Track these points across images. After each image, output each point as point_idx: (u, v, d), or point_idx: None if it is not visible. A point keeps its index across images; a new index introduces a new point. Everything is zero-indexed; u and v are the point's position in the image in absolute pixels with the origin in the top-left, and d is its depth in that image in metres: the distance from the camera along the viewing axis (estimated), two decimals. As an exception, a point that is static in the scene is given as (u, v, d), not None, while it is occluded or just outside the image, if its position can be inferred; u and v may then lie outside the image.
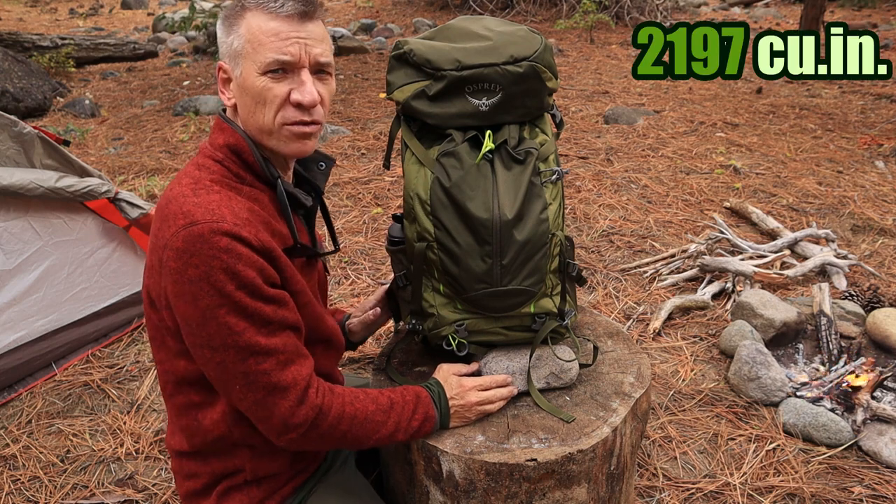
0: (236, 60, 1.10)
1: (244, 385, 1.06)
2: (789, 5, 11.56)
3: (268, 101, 1.08)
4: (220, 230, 1.00)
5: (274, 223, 1.13)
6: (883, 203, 3.85)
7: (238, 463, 1.20)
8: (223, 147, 1.13)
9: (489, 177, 1.23)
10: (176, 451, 1.25)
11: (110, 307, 2.68)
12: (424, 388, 1.26)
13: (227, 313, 1.01)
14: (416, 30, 9.84)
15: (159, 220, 1.07)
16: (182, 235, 1.00)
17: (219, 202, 1.05)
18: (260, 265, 1.04)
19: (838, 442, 2.06)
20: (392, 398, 1.20)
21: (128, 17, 13.86)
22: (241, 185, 1.13)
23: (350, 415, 1.13)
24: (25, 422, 2.29)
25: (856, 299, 2.76)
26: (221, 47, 1.12)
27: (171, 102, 6.47)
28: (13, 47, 7.71)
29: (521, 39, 1.28)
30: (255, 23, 1.06)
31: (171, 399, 1.20)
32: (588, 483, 1.27)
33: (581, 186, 4.08)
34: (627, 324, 2.73)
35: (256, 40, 1.06)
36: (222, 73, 1.13)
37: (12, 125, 2.32)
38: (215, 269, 0.99)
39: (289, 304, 1.10)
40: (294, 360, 1.09)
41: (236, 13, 1.09)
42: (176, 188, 1.09)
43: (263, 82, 1.07)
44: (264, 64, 1.06)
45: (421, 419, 1.21)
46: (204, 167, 1.12)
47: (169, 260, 1.02)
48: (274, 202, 1.16)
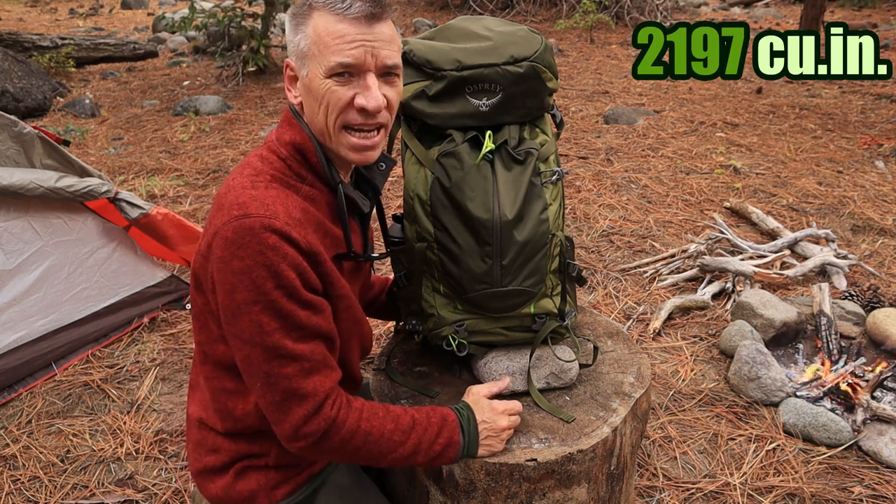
0: (303, 60, 1.09)
1: (265, 384, 1.06)
2: (789, 5, 11.56)
3: (331, 104, 1.08)
4: (271, 227, 1.01)
5: (328, 225, 1.14)
6: (883, 203, 3.85)
7: (265, 448, 1.21)
8: (289, 144, 1.13)
9: (489, 177, 1.23)
10: (204, 423, 1.25)
11: (110, 307, 2.68)
12: (453, 412, 1.21)
13: (262, 311, 1.02)
14: (416, 30, 9.84)
15: (216, 208, 1.08)
16: (233, 226, 1.01)
17: (275, 198, 1.05)
18: (302, 268, 1.04)
19: (838, 442, 2.06)
20: (415, 418, 1.16)
21: (128, 17, 13.85)
22: (301, 184, 1.13)
23: (365, 431, 1.11)
24: (25, 422, 2.29)
25: (856, 299, 2.76)
26: (289, 45, 1.11)
27: (171, 102, 6.47)
28: (13, 47, 7.71)
29: (521, 39, 1.28)
30: (322, 24, 1.05)
31: (208, 381, 1.21)
32: (588, 483, 1.27)
33: (581, 186, 4.08)
34: (627, 324, 2.73)
35: (322, 42, 1.05)
36: (289, 71, 1.13)
37: (12, 125, 2.32)
38: (258, 265, 1.01)
39: (325, 313, 1.10)
40: (319, 369, 1.08)
41: (304, 12, 1.08)
42: (237, 178, 1.09)
43: (328, 85, 1.06)
44: (329, 67, 1.05)
45: (444, 444, 1.17)
46: (267, 161, 1.12)
47: (217, 248, 1.03)
48: (331, 204, 1.16)
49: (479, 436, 1.20)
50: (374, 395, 1.38)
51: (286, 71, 1.14)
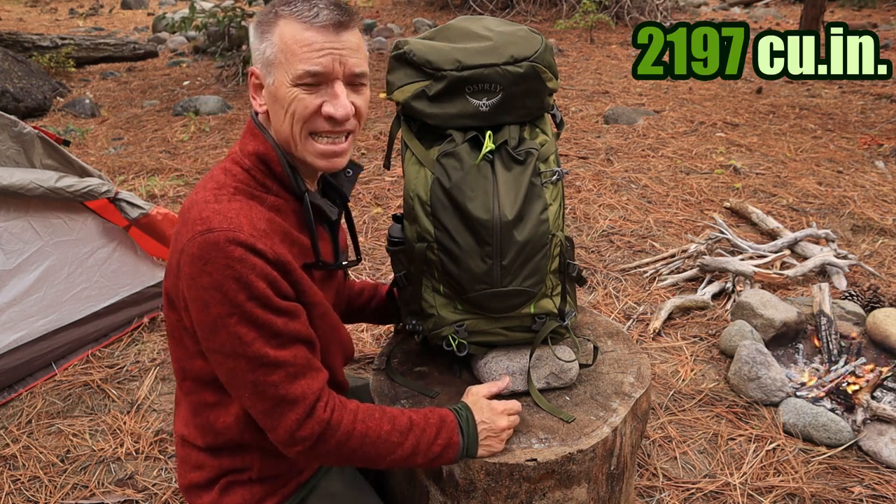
0: (268, 69, 1.08)
1: (252, 394, 1.06)
2: (789, 5, 11.56)
3: (298, 112, 1.07)
4: (236, 240, 1.00)
5: (295, 234, 1.13)
6: (883, 203, 3.85)
7: (248, 462, 1.21)
8: (252, 155, 1.12)
9: (489, 177, 1.23)
10: (186, 440, 1.25)
11: (110, 307, 2.68)
12: (452, 412, 1.21)
13: (238, 323, 1.02)
14: (416, 30, 9.84)
15: (181, 223, 1.07)
16: (198, 242, 1.01)
17: (238, 211, 1.04)
18: (272, 278, 1.03)
19: (838, 442, 2.06)
20: (413, 420, 1.16)
21: (128, 17, 13.85)
22: (266, 194, 1.12)
23: (361, 433, 1.11)
24: (25, 422, 2.29)
25: (856, 299, 2.76)
26: (254, 53, 1.10)
27: (171, 102, 6.47)
28: (13, 47, 7.71)
29: (521, 39, 1.28)
30: (289, 32, 1.04)
31: (187, 396, 1.21)
32: (588, 483, 1.27)
33: (581, 186, 4.08)
34: (627, 324, 2.73)
35: (289, 50, 1.04)
36: (254, 79, 1.12)
37: (12, 125, 2.32)
38: (228, 279, 1.00)
39: (301, 318, 1.09)
40: (304, 373, 1.08)
41: (269, 20, 1.07)
42: (200, 192, 1.08)
43: (294, 93, 1.06)
44: (296, 75, 1.05)
45: (443, 444, 1.16)
46: (230, 173, 1.11)
47: (185, 265, 1.02)
48: (298, 213, 1.15)
49: (478, 436, 1.20)
50: (374, 395, 1.38)
51: (251, 79, 1.12)
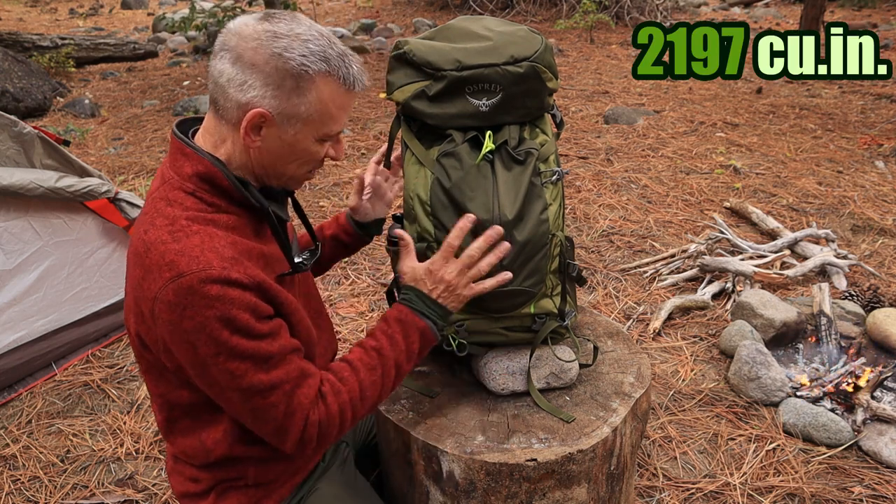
0: (293, 120, 1.05)
1: (254, 420, 1.07)
2: (789, 5, 11.56)
3: (310, 161, 1.11)
4: (209, 278, 0.98)
5: (257, 248, 1.10)
6: (883, 203, 3.85)
7: (242, 471, 1.21)
8: (192, 177, 1.06)
9: (489, 177, 1.23)
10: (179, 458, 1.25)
11: (110, 307, 2.68)
12: (404, 304, 1.20)
13: (227, 360, 1.01)
14: (416, 30, 9.84)
15: (141, 270, 1.02)
16: (171, 289, 0.98)
17: (201, 245, 1.01)
18: (253, 305, 1.01)
19: (838, 442, 2.06)
20: (377, 347, 1.17)
21: (128, 17, 13.85)
22: (219, 214, 1.07)
23: (346, 402, 1.12)
24: (25, 422, 2.29)
25: (856, 299, 2.76)
26: (273, 100, 1.03)
27: (171, 102, 6.47)
28: (13, 47, 7.71)
29: (521, 39, 1.27)
30: (330, 94, 1.05)
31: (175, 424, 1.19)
32: (588, 483, 1.27)
33: (581, 186, 4.08)
34: (627, 324, 2.73)
35: (328, 113, 1.06)
36: (259, 120, 1.04)
37: (12, 125, 2.32)
38: (210, 319, 0.98)
39: (284, 331, 1.08)
40: (300, 384, 1.07)
41: (306, 76, 1.03)
42: (152, 232, 1.03)
43: (317, 147, 1.10)
44: (328, 134, 1.09)
45: (418, 339, 1.18)
46: (176, 202, 1.05)
47: (162, 312, 0.99)
48: (253, 224, 1.13)
49: (438, 303, 1.20)
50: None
51: (253, 119, 1.03)
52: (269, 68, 1.01)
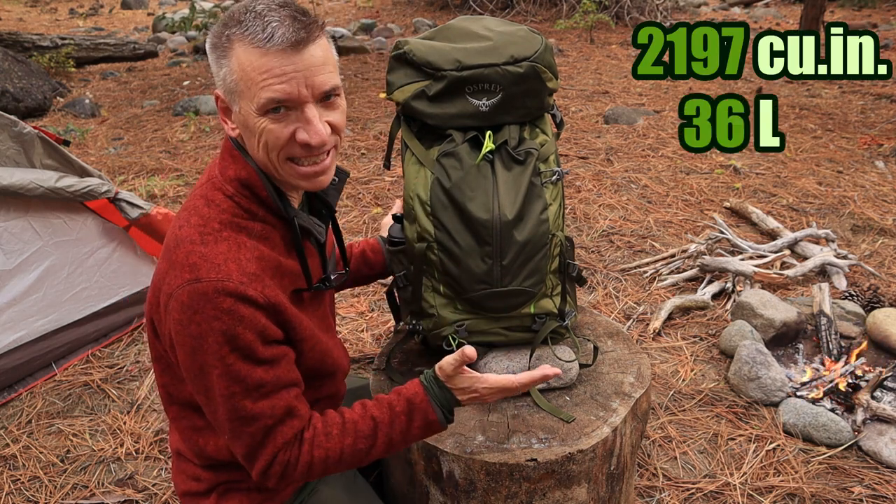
0: (232, 96, 1.01)
1: (231, 437, 1.07)
2: (789, 5, 11.56)
3: (270, 143, 1.00)
4: (225, 290, 0.97)
5: (284, 263, 1.09)
6: (883, 203, 3.85)
7: (244, 475, 1.21)
8: (234, 180, 1.06)
9: (489, 177, 1.23)
10: (182, 455, 1.26)
11: (110, 307, 2.68)
12: (420, 386, 1.14)
13: (220, 376, 1.01)
14: (416, 30, 9.84)
15: (167, 263, 1.03)
16: (187, 290, 0.98)
17: (226, 255, 1.00)
18: (261, 326, 1.01)
19: (838, 442, 2.06)
20: (377, 419, 1.11)
21: (128, 17, 13.85)
22: (253, 222, 1.06)
23: (320, 458, 1.08)
24: (25, 422, 2.29)
25: (856, 299, 2.76)
26: (216, 78, 1.02)
27: (171, 102, 6.47)
28: (13, 47, 7.71)
29: (521, 40, 1.28)
30: (245, 58, 0.96)
31: (175, 421, 1.21)
32: (588, 483, 1.27)
33: (581, 186, 4.08)
34: (627, 324, 2.73)
35: (248, 78, 0.96)
36: (221, 103, 1.04)
37: (12, 125, 2.32)
38: (214, 331, 0.98)
39: (285, 362, 1.07)
40: (283, 422, 1.06)
41: (223, 44, 0.98)
42: (185, 229, 1.03)
43: (263, 124, 0.99)
44: (261, 105, 0.97)
45: (421, 426, 1.12)
46: (213, 203, 1.05)
47: (174, 310, 1.00)
48: (286, 238, 1.11)
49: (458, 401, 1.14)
50: (373, 395, 1.38)
51: (218, 103, 1.05)
52: (209, 45, 1.02)
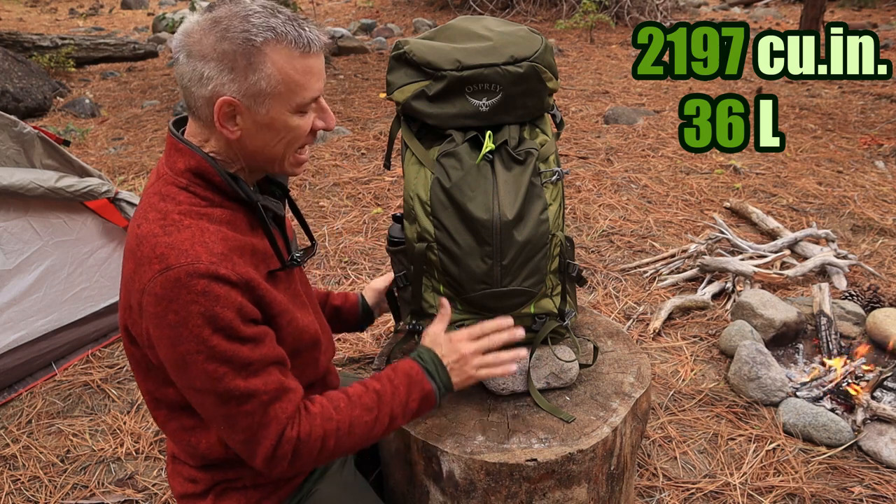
0: (259, 99, 1.03)
1: (227, 426, 1.05)
2: (789, 5, 11.56)
3: (296, 137, 1.08)
4: (197, 272, 0.98)
5: (250, 243, 1.10)
6: (883, 203, 3.85)
7: (240, 473, 1.21)
8: (185, 172, 1.07)
9: (489, 177, 1.23)
10: (177, 458, 1.26)
11: (110, 307, 2.68)
12: (415, 361, 1.20)
13: (206, 360, 1.00)
14: (416, 30, 9.84)
15: (133, 262, 1.03)
16: (159, 281, 0.98)
17: (191, 239, 1.01)
18: (239, 304, 1.01)
19: (838, 442, 2.06)
20: (379, 391, 1.15)
21: (128, 17, 13.85)
22: (211, 208, 1.08)
23: (332, 430, 1.10)
24: (25, 422, 2.29)
25: (856, 299, 2.76)
26: (233, 84, 1.02)
27: (171, 102, 6.47)
28: (13, 47, 7.71)
29: (521, 40, 1.28)
30: (288, 63, 1.02)
31: (165, 425, 1.19)
32: (588, 483, 1.27)
33: (581, 186, 4.09)
34: (627, 324, 2.73)
35: (292, 81, 1.03)
36: (227, 108, 1.04)
37: (12, 125, 2.32)
38: (193, 314, 0.98)
39: (268, 340, 1.07)
40: (279, 397, 1.06)
41: (251, 51, 1.01)
42: (144, 226, 1.04)
43: (297, 121, 1.07)
44: (301, 104, 1.05)
45: (418, 398, 1.17)
46: (168, 197, 1.06)
47: (148, 305, 1.00)
48: (247, 219, 1.12)
49: (448, 371, 1.21)
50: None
51: (221, 109, 1.03)
52: (217, 54, 1.01)
